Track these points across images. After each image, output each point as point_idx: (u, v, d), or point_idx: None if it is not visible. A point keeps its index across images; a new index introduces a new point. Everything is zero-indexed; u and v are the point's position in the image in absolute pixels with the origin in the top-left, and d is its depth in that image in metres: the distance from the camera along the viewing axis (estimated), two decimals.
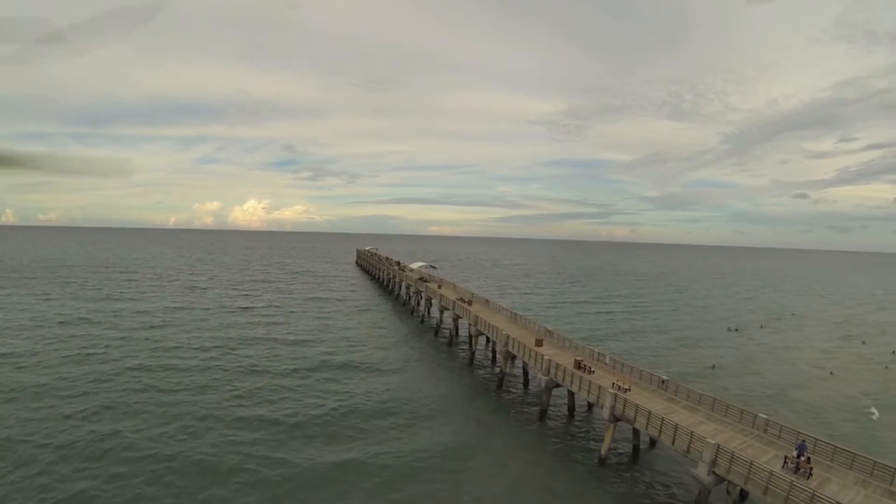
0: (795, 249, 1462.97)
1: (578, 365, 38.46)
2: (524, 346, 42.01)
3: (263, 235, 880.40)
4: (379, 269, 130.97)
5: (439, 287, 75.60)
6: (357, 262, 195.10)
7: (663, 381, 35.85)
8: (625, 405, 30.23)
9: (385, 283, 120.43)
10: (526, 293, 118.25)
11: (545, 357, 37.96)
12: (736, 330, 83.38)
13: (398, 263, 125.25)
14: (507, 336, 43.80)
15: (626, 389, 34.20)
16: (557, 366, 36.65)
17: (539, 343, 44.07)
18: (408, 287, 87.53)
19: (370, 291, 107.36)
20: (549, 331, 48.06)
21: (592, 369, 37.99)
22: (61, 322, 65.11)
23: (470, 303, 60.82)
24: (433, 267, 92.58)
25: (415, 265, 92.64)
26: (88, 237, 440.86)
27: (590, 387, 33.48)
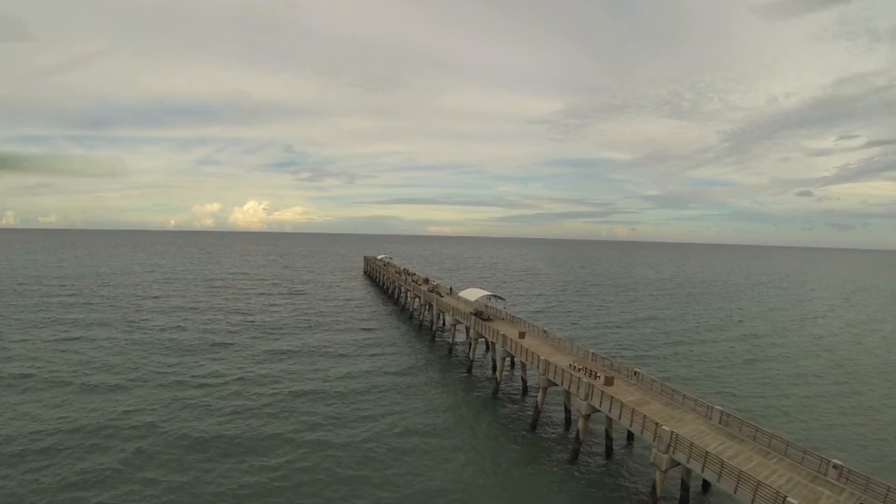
0: (797, 247, 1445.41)
1: None
2: None
3: (263, 237, 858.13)
4: (396, 286, 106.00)
5: (522, 336, 49.51)
6: (365, 272, 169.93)
7: None
8: None
9: (397, 296, 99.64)
10: (604, 326, 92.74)
11: None
12: None
13: (426, 281, 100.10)
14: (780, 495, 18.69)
15: None
16: None
17: None
18: (454, 324, 62.24)
19: (393, 326, 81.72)
20: (785, 442, 22.88)
21: None
22: None
23: (612, 382, 35.19)
24: (498, 297, 62.28)
25: (470, 296, 64.88)
26: (79, 240, 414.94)
27: None
